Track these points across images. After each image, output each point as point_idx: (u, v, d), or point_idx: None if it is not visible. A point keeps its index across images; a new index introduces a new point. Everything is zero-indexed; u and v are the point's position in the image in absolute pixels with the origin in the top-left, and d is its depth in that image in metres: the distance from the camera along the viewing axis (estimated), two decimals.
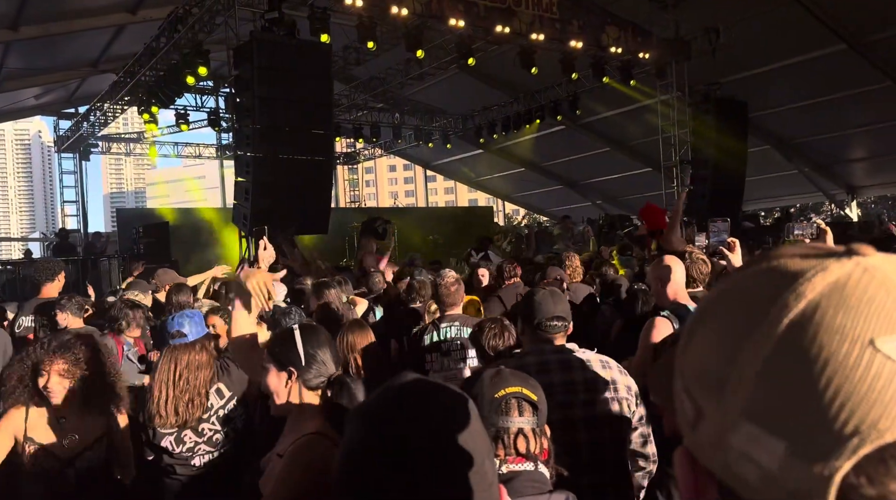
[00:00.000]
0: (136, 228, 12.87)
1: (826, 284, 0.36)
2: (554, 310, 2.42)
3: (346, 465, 0.74)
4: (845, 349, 0.33)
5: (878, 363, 0.33)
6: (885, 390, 0.32)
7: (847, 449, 0.32)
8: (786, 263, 0.39)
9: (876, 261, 0.37)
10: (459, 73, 15.75)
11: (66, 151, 19.17)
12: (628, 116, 17.13)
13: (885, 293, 0.35)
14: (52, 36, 12.12)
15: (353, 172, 27.43)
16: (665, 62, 13.93)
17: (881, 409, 0.32)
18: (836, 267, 0.37)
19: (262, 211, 9.41)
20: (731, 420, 0.37)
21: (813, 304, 0.35)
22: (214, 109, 17.63)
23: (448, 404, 0.77)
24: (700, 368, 0.40)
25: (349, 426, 0.77)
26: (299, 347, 1.91)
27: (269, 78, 9.27)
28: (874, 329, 0.33)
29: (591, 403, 2.27)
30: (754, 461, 0.35)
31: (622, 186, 22.17)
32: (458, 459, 0.71)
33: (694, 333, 0.42)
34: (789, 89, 14.83)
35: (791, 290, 0.37)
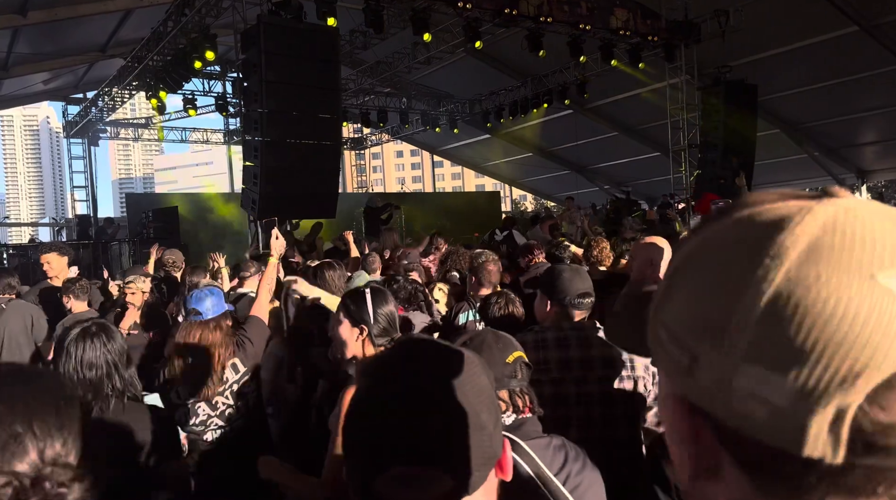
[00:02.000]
0: (145, 214, 12.96)
1: (819, 224, 0.38)
2: (581, 287, 2.46)
3: (351, 410, 0.78)
4: (848, 285, 0.35)
5: (883, 296, 0.35)
6: (892, 322, 0.34)
7: (861, 379, 0.34)
8: (766, 208, 0.41)
9: (852, 203, 0.39)
10: (467, 56, 15.67)
11: (75, 136, 19.26)
12: (637, 100, 17.02)
13: (871, 232, 0.37)
14: (60, 21, 12.13)
15: (360, 157, 27.42)
16: (674, 45, 13.80)
17: (889, 340, 0.34)
18: (821, 209, 0.38)
19: (270, 195, 9.45)
20: (734, 363, 0.38)
21: (812, 244, 0.37)
22: (222, 93, 17.63)
23: (444, 359, 0.81)
24: (692, 316, 0.41)
25: (360, 378, 0.82)
26: (370, 306, 2.13)
27: (276, 62, 9.27)
28: (873, 264, 0.35)
29: (606, 379, 2.31)
30: (763, 399, 0.36)
31: (631, 170, 22.08)
32: (454, 408, 0.75)
33: (676, 284, 0.43)
34: (799, 72, 14.69)
35: (785, 232, 0.38)
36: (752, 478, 0.40)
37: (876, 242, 0.36)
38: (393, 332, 2.20)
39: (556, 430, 2.14)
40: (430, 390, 0.77)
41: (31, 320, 4.58)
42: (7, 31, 12.02)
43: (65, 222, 17.62)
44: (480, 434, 0.76)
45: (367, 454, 0.75)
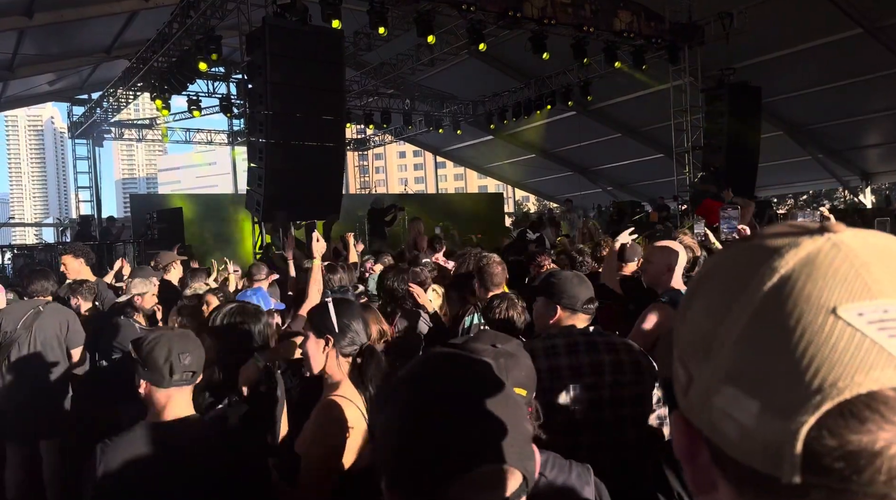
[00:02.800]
0: (149, 214, 12.99)
1: (798, 258, 0.40)
2: (588, 293, 2.48)
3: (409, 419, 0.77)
4: (811, 317, 0.38)
5: (839, 329, 0.37)
6: (844, 353, 0.36)
7: (812, 405, 0.36)
8: (764, 240, 0.43)
9: (845, 237, 0.41)
10: (470, 58, 15.70)
11: (80, 137, 19.33)
12: (640, 102, 17.03)
13: (849, 266, 0.39)
14: (66, 22, 12.21)
15: (364, 158, 27.46)
16: (678, 47, 13.81)
17: (841, 369, 0.36)
18: (809, 243, 0.41)
19: (274, 197, 9.49)
20: (714, 383, 0.41)
21: (785, 277, 0.40)
22: (226, 95, 17.69)
23: (488, 370, 0.83)
24: (691, 337, 0.44)
25: (396, 392, 0.81)
26: (333, 317, 2.12)
27: (281, 64, 9.31)
28: (836, 298, 0.38)
29: (616, 384, 2.32)
30: (734, 419, 0.39)
31: (633, 172, 22.09)
32: (509, 410, 0.77)
33: (688, 306, 0.46)
34: (803, 74, 14.69)
35: (767, 265, 0.41)
36: (740, 493, 0.42)
37: (848, 276, 0.38)
38: (360, 341, 2.16)
39: (568, 436, 2.16)
40: (487, 394, 0.78)
41: (67, 325, 4.55)
42: (13, 32, 12.09)
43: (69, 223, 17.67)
44: (526, 433, 0.79)
45: (446, 458, 0.73)
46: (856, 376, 0.36)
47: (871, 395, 0.36)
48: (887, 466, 0.36)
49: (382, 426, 0.81)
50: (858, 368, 0.36)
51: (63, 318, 4.58)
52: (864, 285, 0.38)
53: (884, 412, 0.36)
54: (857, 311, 0.37)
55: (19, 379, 4.44)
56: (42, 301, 4.63)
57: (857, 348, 0.36)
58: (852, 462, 0.36)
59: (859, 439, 0.36)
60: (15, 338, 4.43)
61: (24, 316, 4.46)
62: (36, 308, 4.51)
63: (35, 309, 4.50)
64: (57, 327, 4.52)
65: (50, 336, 4.50)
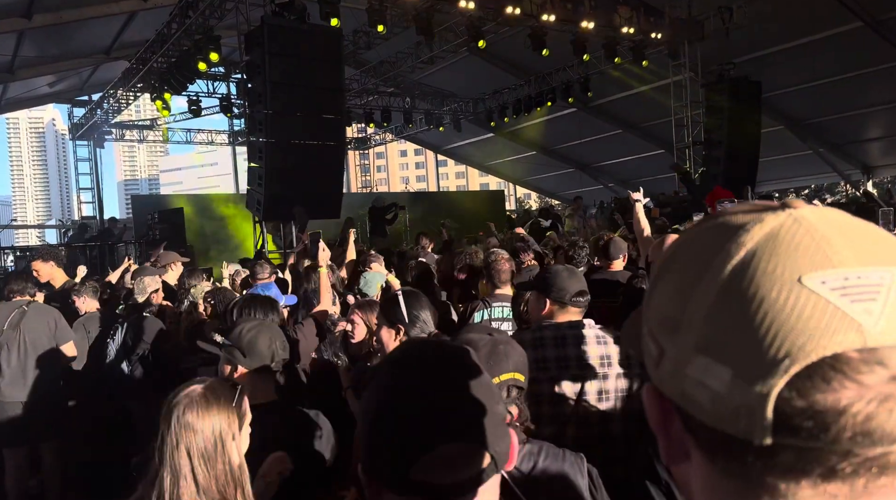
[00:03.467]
0: (151, 215, 13.02)
1: (763, 233, 0.43)
2: (578, 286, 2.48)
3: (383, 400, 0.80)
4: (777, 287, 0.40)
5: (804, 297, 0.39)
6: (810, 319, 0.39)
7: (781, 369, 0.39)
8: (730, 218, 0.46)
9: (805, 212, 0.43)
10: (470, 55, 15.69)
11: (81, 138, 19.36)
12: (640, 98, 17.01)
13: (811, 238, 0.41)
14: (65, 24, 12.21)
15: (365, 157, 27.46)
16: (678, 42, 13.80)
17: (807, 335, 0.39)
18: (772, 219, 0.43)
19: (275, 196, 9.50)
20: (686, 354, 0.43)
21: (751, 251, 0.42)
22: (226, 95, 17.70)
23: (462, 354, 0.84)
24: (661, 313, 0.46)
25: (374, 375, 0.84)
26: (403, 309, 2.35)
27: (280, 63, 9.31)
28: (801, 269, 0.40)
29: (604, 377, 2.32)
30: (706, 387, 0.41)
31: (634, 168, 22.06)
32: (483, 392, 0.79)
33: (656, 284, 0.49)
34: (804, 68, 14.64)
35: (733, 240, 0.43)
36: (712, 459, 0.44)
37: (810, 248, 0.41)
38: (429, 329, 2.37)
39: (555, 428, 2.16)
40: (459, 376, 0.80)
41: (54, 322, 4.55)
42: (12, 34, 12.10)
43: (71, 224, 17.71)
44: (501, 418, 0.80)
45: (408, 438, 0.75)
46: (821, 339, 0.38)
47: (836, 357, 0.38)
48: (851, 423, 0.38)
49: (361, 409, 0.83)
50: (824, 332, 0.38)
51: (49, 316, 4.57)
52: (825, 256, 0.40)
53: (847, 372, 0.38)
54: (820, 279, 0.39)
55: (13, 381, 4.39)
56: (25, 301, 4.58)
57: (822, 314, 0.39)
58: (819, 421, 0.38)
59: (825, 398, 0.38)
60: (3, 340, 4.38)
61: (9, 317, 4.43)
62: (20, 308, 4.47)
63: (20, 309, 4.47)
64: (45, 326, 4.50)
65: (40, 335, 4.48)
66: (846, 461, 0.39)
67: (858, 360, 0.38)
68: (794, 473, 0.40)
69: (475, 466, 0.76)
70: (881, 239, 0.43)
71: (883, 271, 0.40)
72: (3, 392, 4.38)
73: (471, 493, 0.76)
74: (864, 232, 0.43)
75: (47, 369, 4.52)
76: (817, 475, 0.40)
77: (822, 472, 0.40)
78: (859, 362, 0.38)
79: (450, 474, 0.75)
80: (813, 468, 0.40)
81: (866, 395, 0.38)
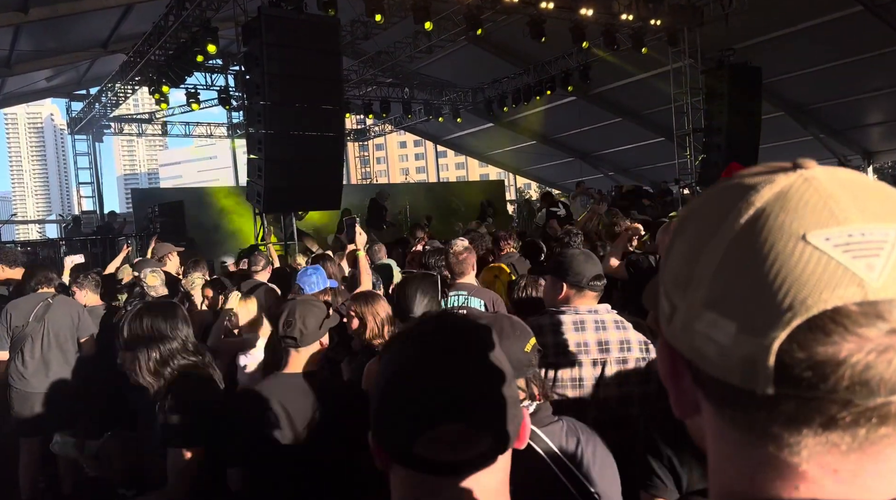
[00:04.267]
0: (151, 208, 13.01)
1: (773, 193, 0.44)
2: (595, 270, 2.48)
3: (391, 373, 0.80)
4: (783, 243, 0.41)
5: (808, 253, 0.41)
6: (813, 274, 0.40)
7: (783, 322, 0.40)
8: (742, 180, 0.47)
9: (816, 172, 0.45)
10: (468, 44, 15.61)
11: (80, 132, 19.32)
12: (640, 85, 16.94)
13: (818, 197, 0.43)
14: (61, 17, 12.13)
15: (364, 148, 27.39)
16: (677, 29, 13.72)
17: (809, 289, 0.40)
18: (782, 179, 0.45)
19: (275, 188, 9.49)
20: (695, 310, 0.45)
21: (760, 209, 0.44)
22: (224, 87, 17.63)
23: (477, 329, 0.84)
24: (674, 271, 0.48)
25: (389, 346, 0.85)
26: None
27: (278, 54, 9.27)
28: (806, 226, 0.41)
29: (623, 361, 2.33)
30: (713, 340, 0.43)
31: (635, 156, 22.02)
32: (492, 371, 0.79)
33: (672, 245, 0.50)
34: (804, 54, 14.57)
35: (743, 199, 0.45)
36: (720, 411, 0.47)
37: (817, 206, 0.42)
38: None
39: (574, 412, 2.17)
40: (470, 354, 0.80)
41: (78, 316, 4.62)
42: (9, 28, 12.04)
43: (71, 219, 17.70)
44: (513, 398, 0.80)
45: (411, 413, 0.76)
46: (823, 293, 0.40)
47: (837, 310, 0.40)
48: (850, 373, 0.40)
49: (376, 377, 0.83)
50: (825, 286, 0.40)
51: (73, 309, 4.65)
52: (831, 214, 0.42)
53: (847, 326, 0.40)
54: (824, 236, 0.41)
55: (36, 372, 4.45)
56: (49, 293, 4.65)
57: (825, 269, 0.40)
58: (819, 371, 0.40)
59: (825, 350, 0.40)
60: (28, 332, 4.43)
61: (34, 309, 4.48)
62: (45, 301, 4.53)
63: (45, 302, 4.52)
64: (69, 319, 4.57)
65: (62, 328, 4.54)
66: (845, 410, 0.41)
67: (858, 313, 0.40)
68: (796, 422, 0.42)
69: (479, 445, 0.77)
70: (890, 197, 0.44)
71: (888, 228, 0.41)
72: (26, 382, 4.46)
73: (476, 471, 0.77)
74: (873, 190, 0.44)
75: (68, 362, 4.59)
76: (818, 425, 0.42)
77: (822, 421, 0.41)
78: (859, 315, 0.40)
79: (452, 452, 0.75)
80: (814, 417, 0.41)
81: (865, 346, 0.39)
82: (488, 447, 0.77)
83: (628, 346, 2.36)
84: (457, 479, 0.76)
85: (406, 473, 0.78)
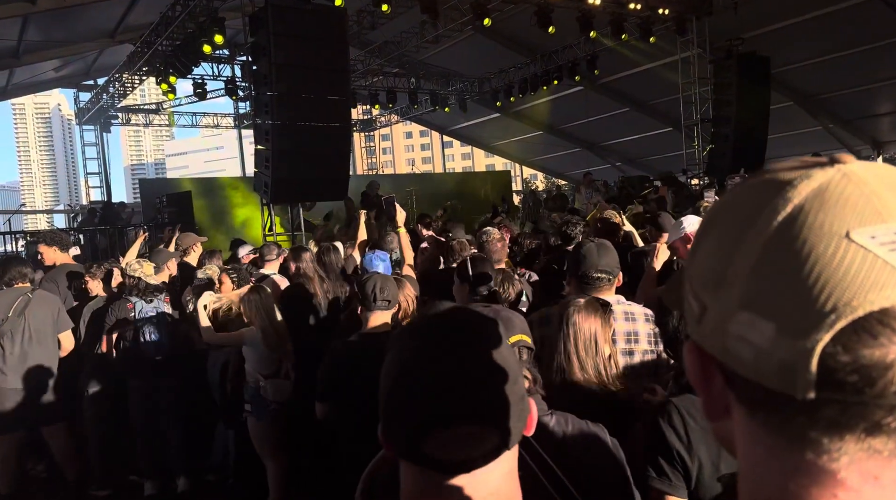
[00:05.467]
0: (159, 198, 13.05)
1: (811, 189, 0.42)
2: (599, 263, 2.47)
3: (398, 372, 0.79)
4: (825, 242, 0.40)
5: (852, 252, 0.39)
6: (858, 274, 0.39)
7: (826, 324, 0.39)
8: (776, 175, 0.45)
9: (854, 167, 0.43)
10: (475, 34, 15.54)
11: (87, 123, 19.36)
12: (648, 75, 16.83)
13: (859, 193, 0.41)
14: (69, 7, 12.14)
15: (370, 139, 27.37)
16: (685, 18, 13.62)
17: (854, 289, 0.38)
18: (820, 174, 0.43)
19: (282, 178, 9.51)
20: (728, 310, 0.43)
21: (798, 206, 0.42)
22: (231, 77, 17.63)
23: (484, 324, 0.83)
24: (704, 270, 0.47)
25: (398, 339, 0.84)
26: (469, 270, 3.03)
27: (285, 44, 9.26)
28: (849, 223, 0.40)
29: (631, 353, 2.33)
30: (749, 342, 0.42)
31: (642, 146, 21.90)
32: (500, 368, 0.78)
33: (700, 242, 0.49)
34: (813, 43, 14.43)
35: (780, 196, 0.43)
36: (752, 415, 0.45)
37: (859, 203, 0.41)
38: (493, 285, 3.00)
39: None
40: (477, 351, 0.79)
41: (57, 310, 4.60)
42: (17, 18, 12.06)
43: (80, 209, 17.79)
44: (519, 394, 0.79)
45: (418, 414, 0.76)
46: (869, 294, 0.38)
47: (884, 312, 0.38)
48: None
49: (383, 369, 0.82)
50: (871, 287, 0.38)
51: (53, 304, 4.62)
52: (875, 211, 0.40)
53: (895, 327, 0.38)
54: (869, 234, 0.39)
55: (14, 368, 4.41)
56: (27, 288, 4.58)
57: (870, 269, 0.38)
58: (865, 375, 0.38)
59: (872, 353, 0.38)
60: (8, 327, 4.38)
61: (14, 303, 4.43)
62: (24, 295, 4.48)
63: (24, 296, 4.47)
64: (49, 314, 4.54)
65: (43, 322, 4.51)
66: (892, 415, 0.39)
67: None
68: (837, 428, 0.40)
69: (487, 443, 0.76)
70: None
71: None
72: (3, 378, 4.39)
73: (483, 467, 0.76)
74: None
75: (48, 356, 4.56)
76: (861, 430, 0.40)
77: (866, 427, 0.40)
78: None
79: (461, 451, 0.75)
80: (857, 422, 0.40)
81: None
82: (496, 444, 0.76)
83: (636, 337, 2.36)
84: (465, 474, 0.76)
85: (413, 468, 0.78)
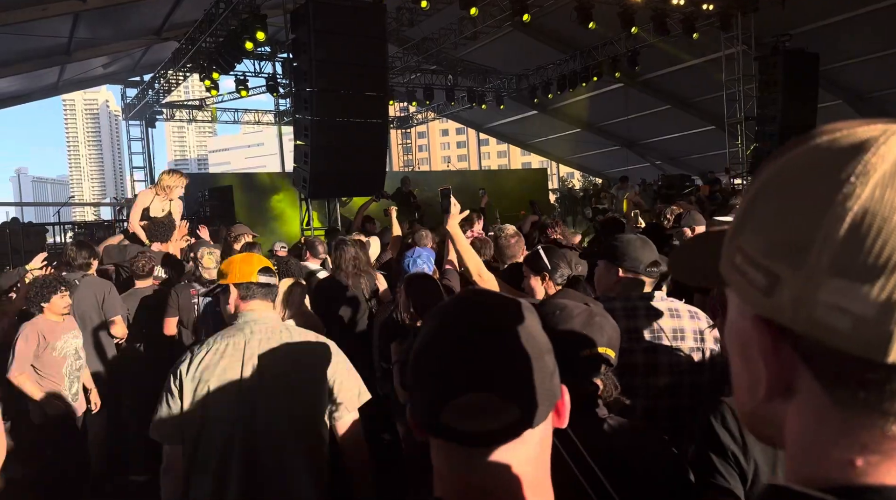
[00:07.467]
0: (201, 192, 13.34)
1: None
2: (652, 256, 2.44)
3: (421, 345, 0.82)
4: None
5: None
6: None
7: None
8: (850, 132, 0.43)
9: None
10: (514, 30, 15.46)
11: (133, 118, 19.91)
12: (691, 72, 16.52)
13: None
14: (118, 5, 12.49)
15: (407, 136, 27.49)
16: (730, 13, 13.31)
17: None
18: None
19: (320, 174, 9.62)
20: (817, 279, 0.40)
21: (894, 165, 0.40)
22: (272, 74, 17.90)
23: (509, 304, 0.85)
24: (770, 239, 0.44)
25: (427, 321, 0.86)
26: (544, 259, 2.96)
27: (325, 41, 9.35)
28: None
29: (676, 350, 2.29)
30: (846, 311, 0.39)
31: (683, 145, 21.53)
32: (521, 343, 0.79)
33: (753, 209, 0.46)
34: (865, 39, 13.96)
35: (870, 153, 0.40)
36: (831, 391, 0.42)
37: None
38: (568, 272, 2.94)
39: None
40: (499, 326, 0.80)
41: (103, 295, 4.64)
42: (68, 16, 12.45)
43: (125, 202, 18.29)
44: (544, 373, 0.79)
45: (437, 383, 0.78)
46: None
47: None
48: None
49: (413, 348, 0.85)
50: None
51: (99, 288, 4.65)
52: None
53: None
54: None
55: None
56: (78, 275, 4.65)
57: None
58: None
59: None
60: None
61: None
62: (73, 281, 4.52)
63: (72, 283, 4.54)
64: (93, 298, 4.58)
65: (88, 308, 4.55)
66: None
67: None
68: None
69: (505, 416, 0.76)
70: None
71: None
72: None
73: (502, 444, 0.77)
74: None
75: (95, 343, 4.63)
76: None
77: None
78: None
79: (478, 421, 0.76)
80: None
81: None
82: (516, 418, 0.76)
83: (682, 334, 2.31)
84: (488, 451, 0.77)
85: (439, 443, 0.80)
